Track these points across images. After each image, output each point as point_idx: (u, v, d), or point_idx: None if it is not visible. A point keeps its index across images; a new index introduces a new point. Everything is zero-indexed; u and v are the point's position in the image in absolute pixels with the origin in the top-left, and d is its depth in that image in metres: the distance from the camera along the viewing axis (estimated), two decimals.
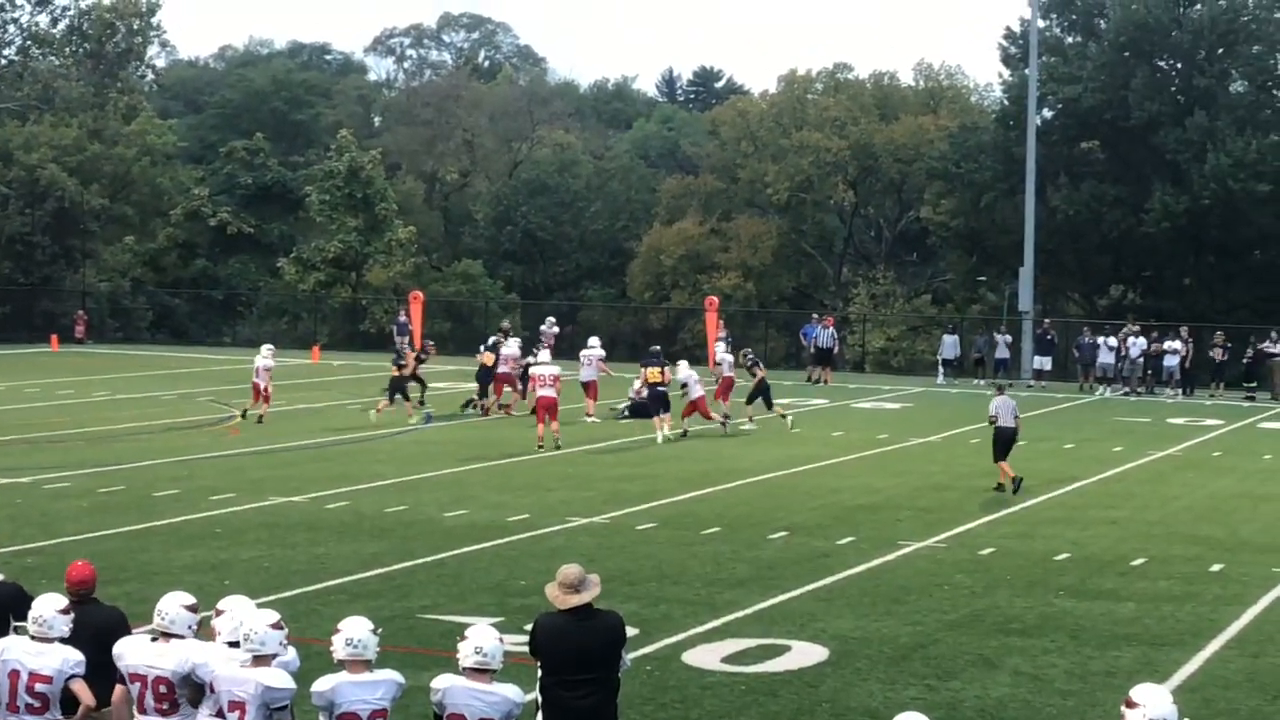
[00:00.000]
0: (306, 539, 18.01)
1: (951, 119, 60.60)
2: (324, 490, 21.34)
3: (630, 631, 9.65)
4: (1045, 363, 42.10)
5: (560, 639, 8.61)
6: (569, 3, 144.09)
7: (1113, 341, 39.77)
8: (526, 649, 8.79)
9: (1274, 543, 19.08)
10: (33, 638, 8.69)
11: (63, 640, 8.69)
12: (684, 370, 29.02)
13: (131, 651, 8.53)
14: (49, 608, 8.72)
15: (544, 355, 29.49)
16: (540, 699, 8.63)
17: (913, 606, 15.17)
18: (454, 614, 14.19)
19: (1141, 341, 39.60)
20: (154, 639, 8.57)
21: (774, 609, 14.99)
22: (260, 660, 8.02)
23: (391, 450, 26.33)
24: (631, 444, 27.64)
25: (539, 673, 8.67)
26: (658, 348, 31.22)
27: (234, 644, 8.28)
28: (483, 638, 8.14)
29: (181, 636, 8.53)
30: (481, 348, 32.70)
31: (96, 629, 8.88)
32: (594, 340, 32.78)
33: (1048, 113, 53.25)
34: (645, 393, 29.57)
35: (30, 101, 58.51)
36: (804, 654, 13.29)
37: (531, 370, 29.12)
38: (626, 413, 31.37)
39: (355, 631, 8.04)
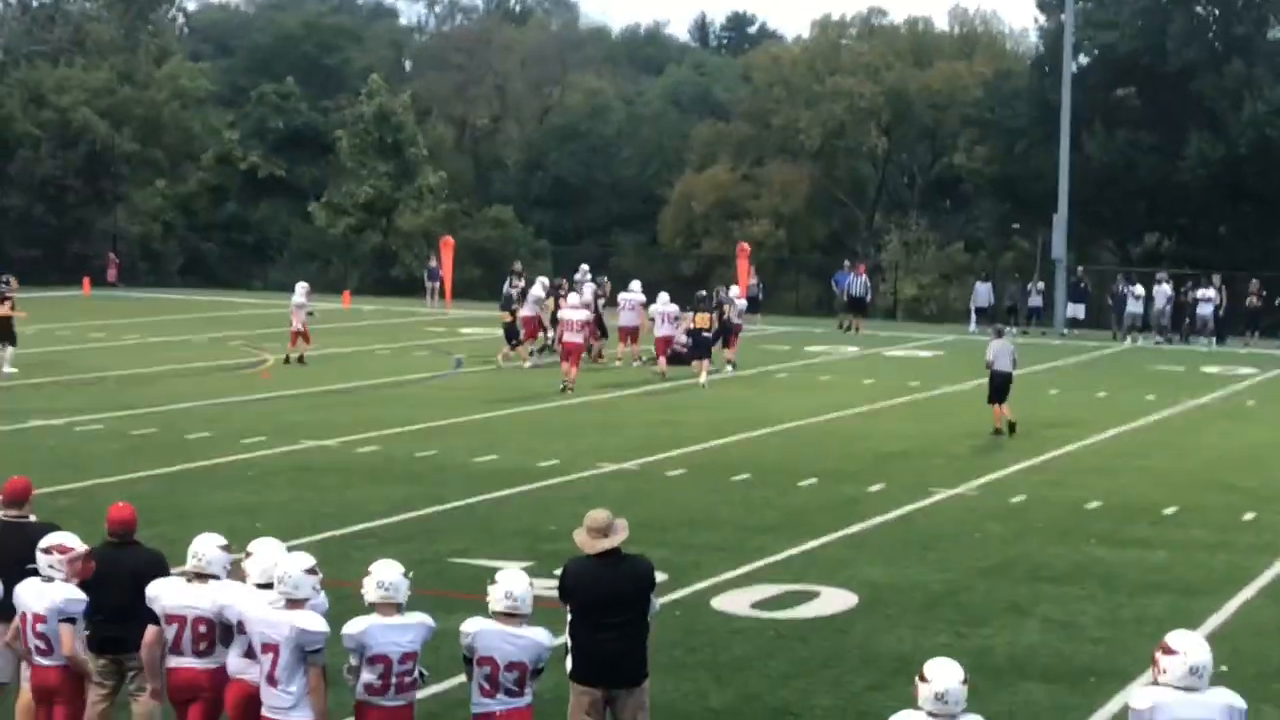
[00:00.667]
0: (337, 482, 18.09)
1: (986, 65, 60.05)
2: (354, 434, 21.41)
3: (660, 577, 9.66)
4: (1078, 311, 41.90)
5: (590, 583, 8.64)
6: None
7: (1139, 290, 39.51)
8: (556, 593, 8.80)
9: None
10: (44, 579, 8.74)
11: (78, 582, 8.66)
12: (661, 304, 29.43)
13: (168, 593, 8.58)
14: (41, 545, 8.74)
15: (573, 299, 29.32)
16: (570, 643, 8.65)
17: (943, 553, 15.16)
18: (484, 558, 14.23)
19: (1167, 289, 39.33)
20: (189, 580, 8.61)
21: (804, 555, 15.00)
22: (294, 604, 8.05)
23: (422, 395, 26.39)
24: (661, 390, 27.62)
25: (568, 616, 8.69)
26: (704, 292, 30.83)
27: (264, 586, 8.30)
28: (513, 582, 8.17)
29: (217, 577, 8.59)
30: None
31: (135, 571, 8.82)
32: (635, 284, 32.06)
33: (1084, 59, 52.71)
34: (683, 337, 29.44)
35: (62, 44, 58.52)
36: (834, 600, 13.30)
37: (560, 315, 28.98)
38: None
39: (386, 575, 8.06)
